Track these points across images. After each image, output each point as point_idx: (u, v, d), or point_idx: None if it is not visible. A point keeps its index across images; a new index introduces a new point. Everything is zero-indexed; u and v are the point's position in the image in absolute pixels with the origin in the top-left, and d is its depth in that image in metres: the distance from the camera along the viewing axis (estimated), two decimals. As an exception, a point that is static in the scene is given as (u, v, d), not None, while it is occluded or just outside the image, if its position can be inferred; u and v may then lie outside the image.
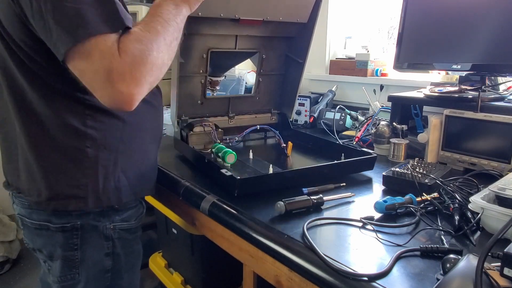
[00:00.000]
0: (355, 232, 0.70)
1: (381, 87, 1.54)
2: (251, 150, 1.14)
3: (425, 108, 1.19)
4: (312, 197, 0.78)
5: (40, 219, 0.76)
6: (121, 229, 0.83)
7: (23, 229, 0.82)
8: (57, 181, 0.74)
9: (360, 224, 0.73)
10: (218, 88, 1.32)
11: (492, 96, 1.06)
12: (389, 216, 0.76)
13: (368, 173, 1.02)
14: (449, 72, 1.29)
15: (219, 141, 1.13)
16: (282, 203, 0.75)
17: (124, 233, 0.83)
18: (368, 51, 1.69)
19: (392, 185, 0.90)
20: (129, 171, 0.81)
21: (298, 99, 1.41)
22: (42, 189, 0.74)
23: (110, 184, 0.78)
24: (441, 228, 0.70)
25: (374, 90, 1.55)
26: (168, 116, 1.32)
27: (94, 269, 0.80)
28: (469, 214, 0.71)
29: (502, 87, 1.15)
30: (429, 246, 0.62)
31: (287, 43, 1.28)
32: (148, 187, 0.90)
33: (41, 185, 0.74)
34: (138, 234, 0.89)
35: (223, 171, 0.87)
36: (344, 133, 1.44)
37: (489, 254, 0.47)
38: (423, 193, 0.80)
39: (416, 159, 1.01)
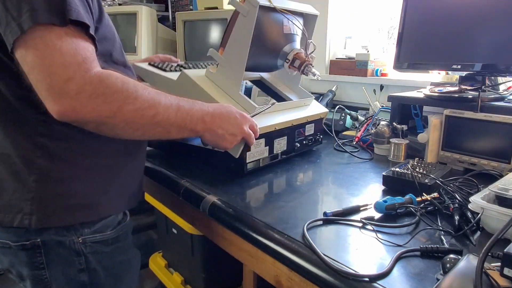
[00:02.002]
0: (355, 232, 0.70)
1: (381, 87, 1.54)
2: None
3: (425, 108, 1.19)
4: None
5: (1, 236, 0.70)
6: (94, 242, 0.73)
7: None
8: (2, 193, 0.67)
9: (360, 224, 0.73)
10: None
11: (492, 96, 1.06)
12: (389, 216, 0.76)
13: (368, 173, 1.03)
14: (449, 72, 1.29)
15: None
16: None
17: (98, 246, 0.74)
18: (368, 51, 1.69)
19: (392, 185, 0.90)
20: (92, 187, 0.72)
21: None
22: None
23: (62, 201, 0.69)
24: (441, 228, 0.70)
25: (374, 90, 1.55)
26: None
27: (69, 286, 0.72)
28: (469, 214, 0.71)
29: (502, 87, 1.15)
30: (429, 246, 0.62)
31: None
32: (119, 204, 0.79)
33: None
34: (121, 244, 0.79)
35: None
36: (344, 133, 1.44)
37: (489, 254, 0.47)
38: (423, 193, 0.80)
39: (416, 159, 1.01)
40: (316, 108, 1.21)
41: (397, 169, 0.90)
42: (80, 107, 0.56)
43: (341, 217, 0.75)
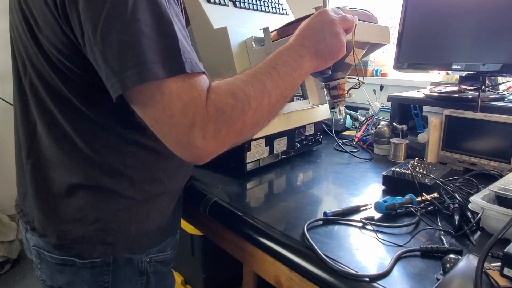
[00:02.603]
0: (355, 232, 0.70)
1: (381, 87, 1.54)
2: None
3: (425, 108, 1.19)
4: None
5: (66, 254, 0.66)
6: (157, 261, 0.72)
7: (39, 263, 0.69)
8: (82, 222, 0.64)
9: (360, 224, 0.73)
10: None
11: (492, 96, 1.06)
12: (389, 216, 0.76)
13: (368, 173, 1.03)
14: (449, 72, 1.29)
15: None
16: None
17: (159, 266, 0.73)
18: (368, 51, 1.69)
19: (392, 185, 0.90)
20: (164, 210, 0.72)
21: (298, 99, 1.41)
22: (62, 229, 0.64)
23: (144, 227, 0.68)
24: (441, 228, 0.70)
25: (374, 90, 1.55)
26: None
27: None
28: (469, 214, 0.71)
29: (502, 87, 1.15)
30: (429, 246, 0.62)
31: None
32: (178, 219, 0.81)
33: (60, 225, 0.64)
34: (172, 264, 0.80)
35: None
36: (344, 133, 1.45)
37: (489, 254, 0.47)
38: (423, 193, 0.80)
39: (416, 159, 1.01)
40: (322, 113, 1.20)
41: (397, 169, 0.90)
42: (212, 148, 0.53)
43: (341, 217, 0.75)
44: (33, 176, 0.66)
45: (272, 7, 1.14)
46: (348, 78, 0.93)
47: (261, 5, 1.10)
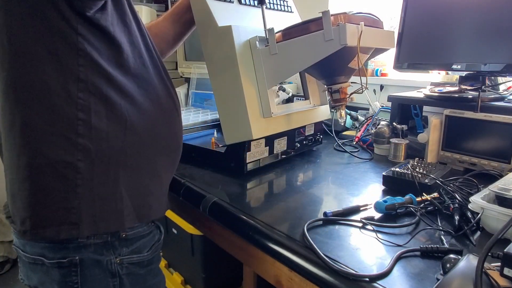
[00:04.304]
0: (355, 232, 0.70)
1: (381, 87, 1.54)
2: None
3: (425, 108, 1.19)
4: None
5: (34, 252, 0.65)
6: (131, 263, 0.69)
7: (19, 262, 0.70)
8: (43, 204, 0.61)
9: (360, 224, 0.73)
10: None
11: (492, 96, 1.06)
12: (389, 216, 0.76)
13: (368, 173, 1.03)
14: (449, 72, 1.29)
15: None
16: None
17: (134, 268, 0.70)
18: (368, 51, 1.69)
19: (392, 185, 0.90)
20: (134, 189, 0.68)
21: (298, 99, 1.41)
22: (25, 214, 0.62)
23: (110, 205, 0.65)
24: (441, 228, 0.70)
25: (374, 90, 1.55)
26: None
27: None
28: (469, 214, 0.71)
29: (502, 87, 1.15)
30: (429, 246, 0.62)
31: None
32: (158, 208, 0.74)
33: (23, 210, 0.62)
34: (155, 265, 0.76)
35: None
36: (344, 133, 1.45)
37: (489, 254, 0.47)
38: (423, 193, 0.80)
39: (416, 159, 1.01)
40: (322, 114, 1.20)
41: (397, 169, 0.90)
42: None
43: (341, 217, 0.75)
44: (4, 164, 0.66)
45: (277, 4, 1.14)
46: (351, 82, 0.93)
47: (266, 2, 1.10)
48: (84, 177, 0.62)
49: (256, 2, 1.05)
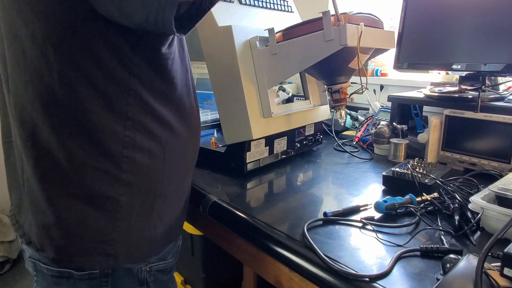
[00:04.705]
0: (355, 232, 0.70)
1: (381, 87, 1.54)
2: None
3: (425, 108, 1.19)
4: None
5: (62, 265, 0.63)
6: (158, 270, 0.70)
7: (35, 275, 0.66)
8: (81, 235, 0.60)
9: (360, 224, 0.73)
10: None
11: (492, 96, 1.06)
12: (389, 216, 0.76)
13: (368, 173, 1.03)
14: (449, 72, 1.29)
15: None
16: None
17: (160, 275, 0.71)
18: (368, 51, 1.69)
19: (392, 185, 0.90)
20: (166, 214, 0.68)
21: (298, 99, 1.41)
22: (61, 243, 0.60)
23: (145, 235, 0.64)
24: (441, 228, 0.70)
25: (374, 90, 1.55)
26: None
27: None
28: (469, 214, 0.71)
29: (502, 87, 1.15)
30: (429, 246, 0.62)
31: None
32: (181, 224, 0.77)
33: (61, 239, 0.60)
34: (173, 271, 0.78)
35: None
36: (344, 133, 1.44)
37: (489, 254, 0.47)
38: (423, 193, 0.80)
39: (416, 159, 1.01)
40: (322, 114, 1.20)
41: (397, 169, 0.90)
42: None
43: (341, 217, 0.75)
44: (30, 190, 0.62)
45: (277, 4, 1.14)
46: (351, 82, 0.93)
47: (266, 2, 1.10)
48: (124, 210, 0.61)
49: (256, 2, 1.05)
